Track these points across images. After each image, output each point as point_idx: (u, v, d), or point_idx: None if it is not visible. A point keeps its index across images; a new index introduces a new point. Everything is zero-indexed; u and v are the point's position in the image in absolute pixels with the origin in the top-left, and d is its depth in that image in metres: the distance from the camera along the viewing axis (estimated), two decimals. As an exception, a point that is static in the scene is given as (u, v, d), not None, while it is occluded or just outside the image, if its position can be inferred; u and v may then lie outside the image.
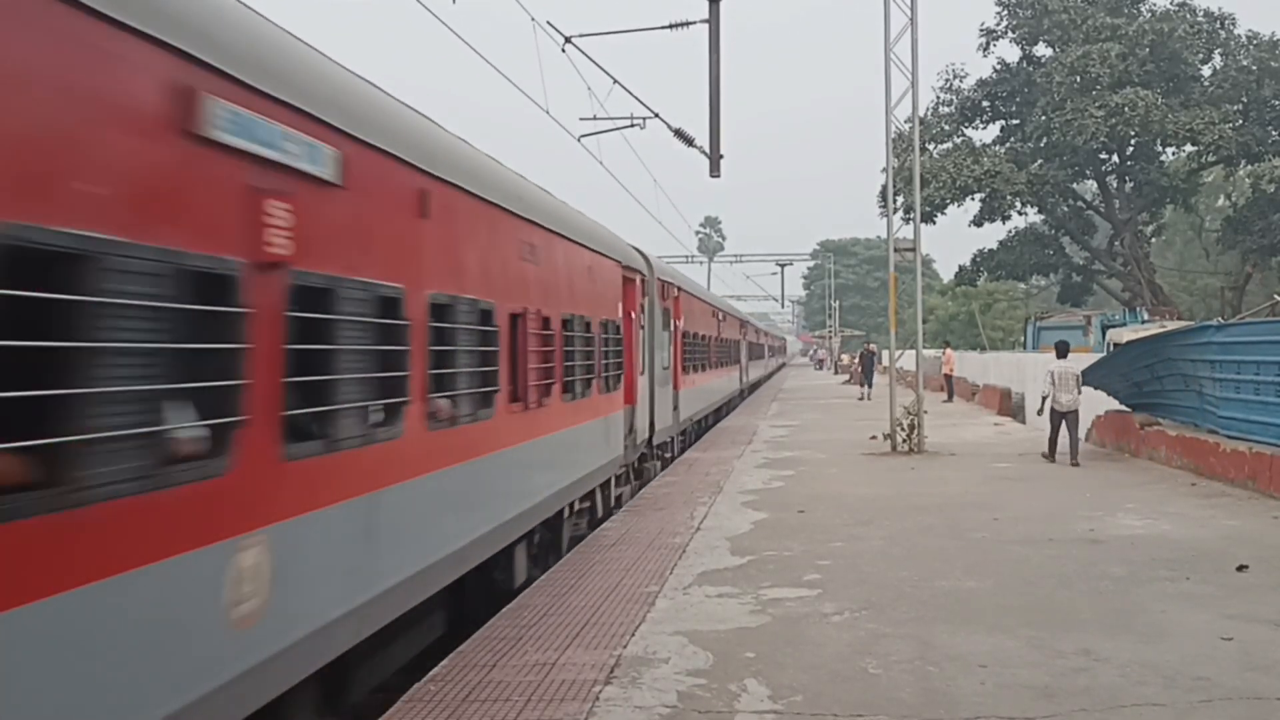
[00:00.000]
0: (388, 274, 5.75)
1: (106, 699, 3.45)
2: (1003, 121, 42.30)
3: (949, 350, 36.53)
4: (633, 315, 14.13)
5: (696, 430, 22.97)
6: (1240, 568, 8.68)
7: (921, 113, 23.65)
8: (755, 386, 44.27)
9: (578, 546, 10.39)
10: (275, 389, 4.54)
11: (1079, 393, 16.46)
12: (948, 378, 34.40)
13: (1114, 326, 30.04)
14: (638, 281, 14.66)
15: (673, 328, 18.43)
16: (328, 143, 5.06)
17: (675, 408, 18.48)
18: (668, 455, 18.27)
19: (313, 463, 4.88)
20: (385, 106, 6.23)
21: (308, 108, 4.87)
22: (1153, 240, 47.06)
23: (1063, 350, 17.46)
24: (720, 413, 28.67)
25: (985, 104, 41.53)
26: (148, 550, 3.66)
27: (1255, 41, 37.65)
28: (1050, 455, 16.59)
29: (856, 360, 43.61)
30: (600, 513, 12.23)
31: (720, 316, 27.99)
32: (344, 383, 5.15)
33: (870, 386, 35.49)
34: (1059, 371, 16.48)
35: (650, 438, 15.68)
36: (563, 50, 16.26)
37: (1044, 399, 16.63)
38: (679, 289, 19.66)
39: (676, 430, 18.92)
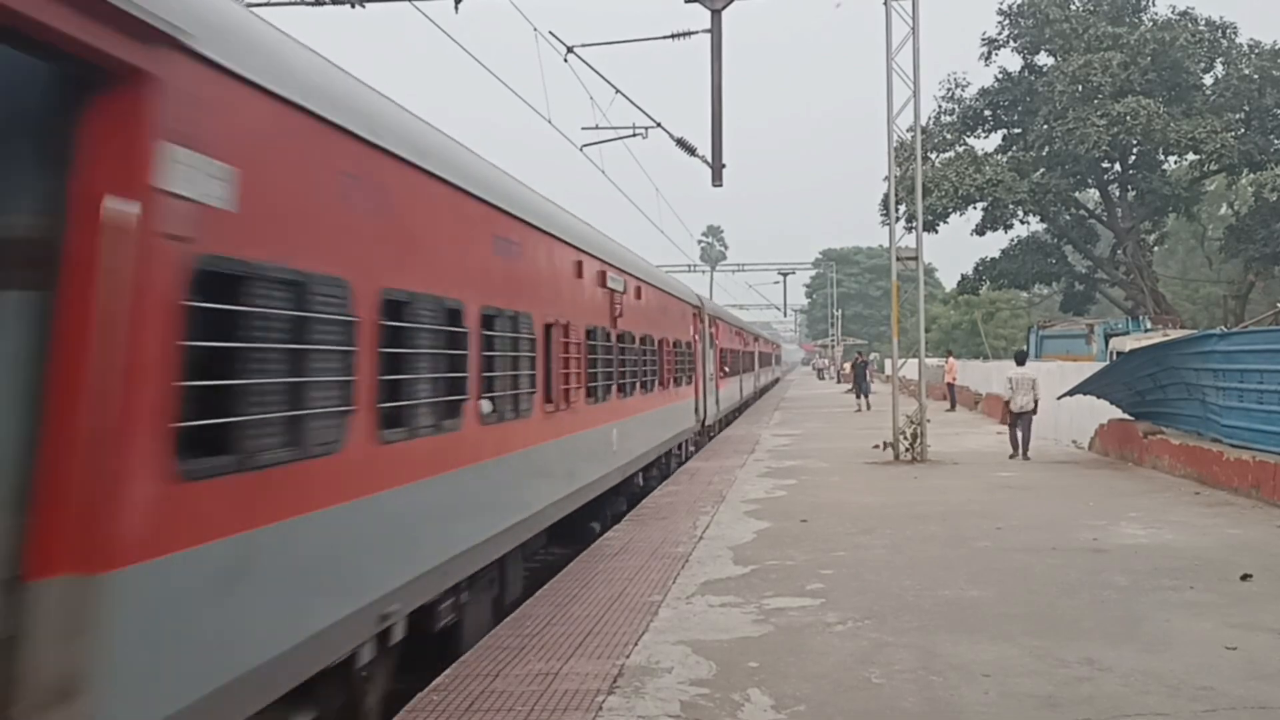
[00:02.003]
0: (590, 319, 11.31)
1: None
2: (1005, 130, 42.29)
3: (951, 359, 36.49)
4: (696, 338, 21.55)
5: (724, 419, 29.60)
6: (1244, 577, 8.67)
7: (923, 122, 23.71)
8: (764, 391, 51.35)
9: (580, 556, 10.38)
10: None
11: (1034, 396, 18.94)
12: (950, 386, 34.36)
13: (1117, 335, 30.00)
14: (696, 314, 21.99)
15: (715, 346, 25.54)
16: (584, 259, 10.99)
17: (716, 400, 25.80)
18: (713, 432, 25.86)
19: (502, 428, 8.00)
20: (590, 238, 11.65)
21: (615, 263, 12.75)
22: (1155, 249, 46.94)
23: (1020, 359, 20.43)
24: (744, 404, 37.63)
25: (987, 113, 41.53)
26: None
27: (1257, 50, 37.66)
28: (1015, 453, 18.81)
29: (850, 370, 43.49)
30: (684, 457, 20.38)
31: (741, 335, 37.32)
32: (592, 375, 11.14)
33: (866, 397, 35.07)
34: (1017, 378, 19.18)
35: (704, 417, 22.94)
36: (565, 60, 16.30)
37: (1004, 401, 19.71)
38: (715, 318, 26.85)
39: (717, 414, 26.23)
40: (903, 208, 30.49)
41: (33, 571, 3.29)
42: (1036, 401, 19.05)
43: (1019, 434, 18.85)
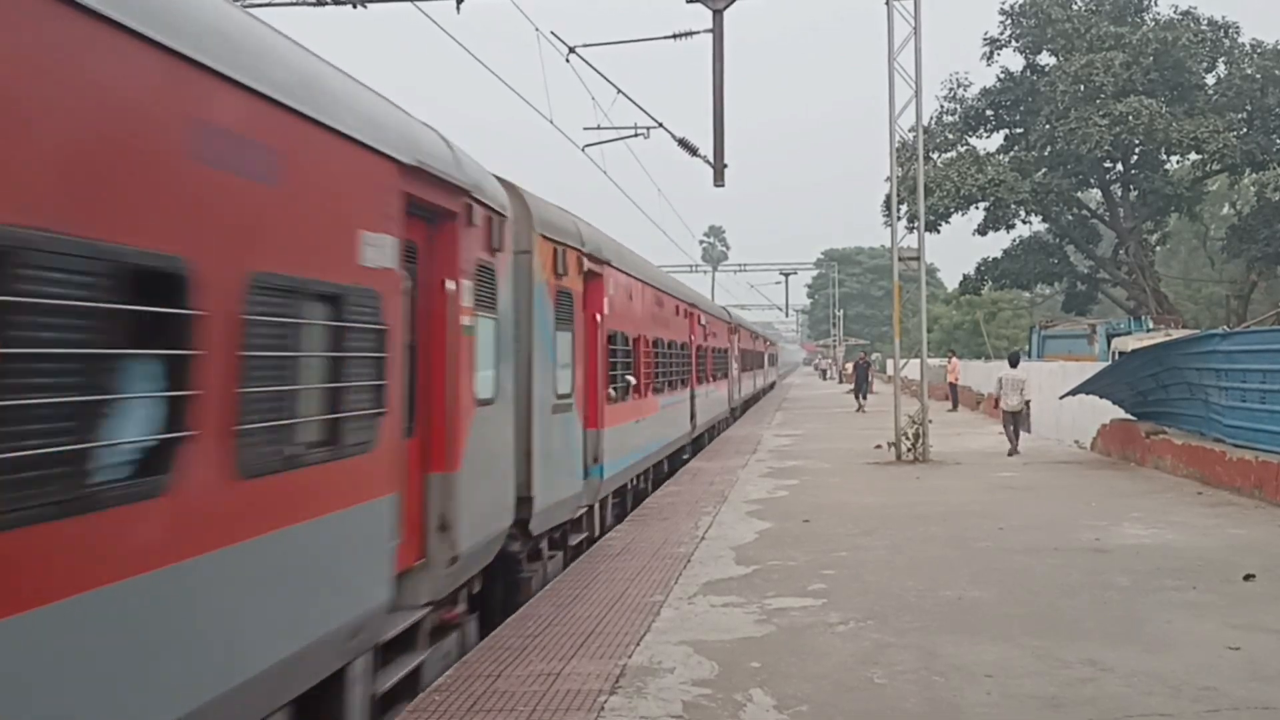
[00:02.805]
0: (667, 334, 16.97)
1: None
2: (1007, 130, 42.22)
3: (954, 359, 36.46)
4: (729, 343, 29.08)
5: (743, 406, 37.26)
6: (1247, 577, 8.66)
7: (925, 122, 23.56)
8: (768, 390, 53.47)
9: (582, 556, 10.39)
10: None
11: (1023, 396, 19.89)
12: (952, 386, 34.32)
13: (1119, 335, 29.95)
14: (731, 326, 29.95)
15: (736, 348, 31.54)
16: (676, 302, 17.89)
17: (739, 392, 32.78)
18: (738, 412, 33.44)
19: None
20: (672, 284, 19.71)
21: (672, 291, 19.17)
22: (1157, 249, 46.86)
23: (1013, 360, 21.46)
24: (758, 394, 45.37)
25: (989, 113, 41.46)
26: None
27: (1259, 50, 37.59)
28: (1013, 451, 19.47)
29: (851, 370, 43.35)
30: (720, 430, 27.15)
31: (753, 337, 43.50)
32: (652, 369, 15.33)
33: (865, 399, 34.92)
34: (1007, 378, 20.09)
35: (733, 405, 30.66)
36: (567, 60, 16.29)
37: (995, 399, 21.08)
38: (739, 325, 34.02)
39: (740, 401, 33.34)
40: (904, 208, 30.42)
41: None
42: (1026, 401, 20.05)
43: (1012, 430, 19.80)
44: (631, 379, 13.24)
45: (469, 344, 6.81)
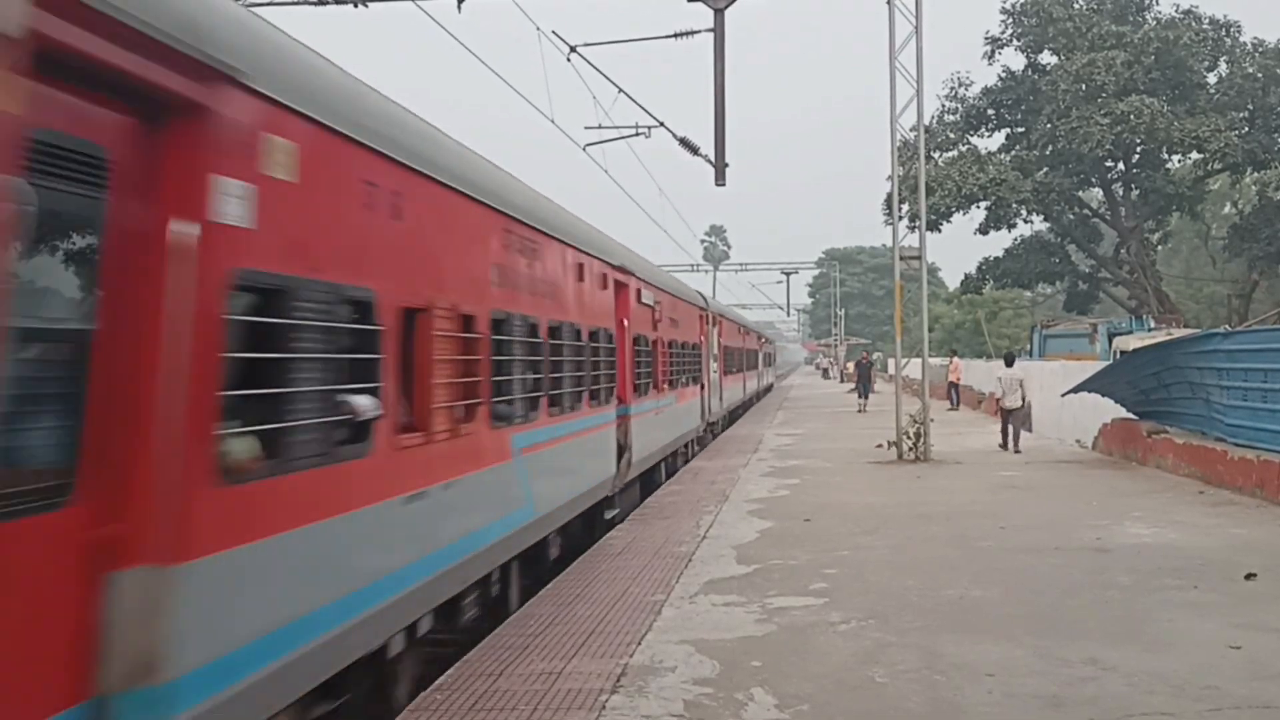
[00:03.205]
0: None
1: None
2: (1008, 129, 42.23)
3: (955, 359, 36.48)
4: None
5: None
6: (1248, 576, 8.66)
7: (926, 121, 23.55)
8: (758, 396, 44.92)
9: (583, 555, 10.39)
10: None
11: (1021, 395, 20.22)
12: (953, 386, 34.32)
13: (1120, 334, 29.93)
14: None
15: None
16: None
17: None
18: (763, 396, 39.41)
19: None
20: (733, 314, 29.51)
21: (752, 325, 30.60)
22: (1159, 248, 46.86)
23: (1009, 360, 21.77)
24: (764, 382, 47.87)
25: (990, 112, 41.48)
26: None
27: (1261, 49, 37.59)
28: (1003, 444, 20.07)
29: (853, 369, 43.23)
30: (750, 404, 36.76)
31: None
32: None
33: (867, 398, 34.79)
34: (1005, 378, 20.46)
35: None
36: (568, 59, 16.30)
37: (996, 399, 21.32)
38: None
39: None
40: (906, 207, 30.40)
41: None
42: (1024, 400, 20.50)
43: (1009, 428, 20.13)
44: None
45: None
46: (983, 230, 40.40)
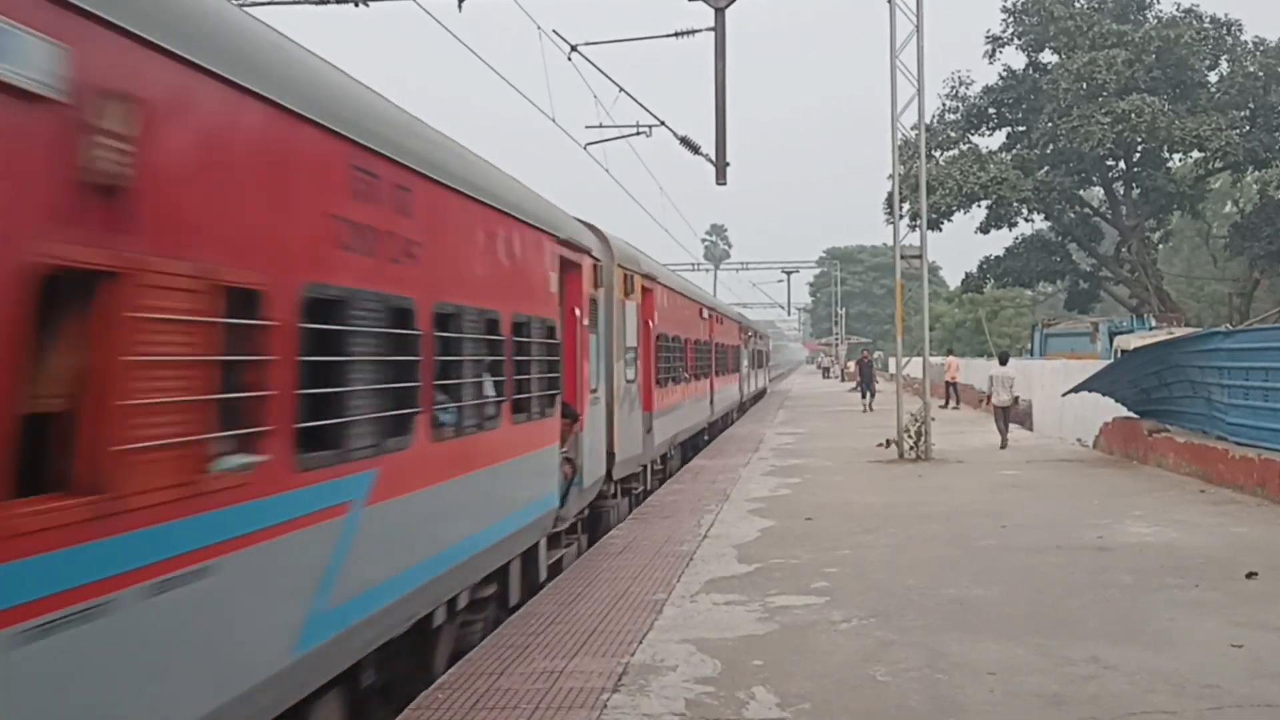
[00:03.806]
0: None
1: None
2: (1009, 128, 42.19)
3: (951, 357, 36.46)
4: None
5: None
6: (1249, 575, 8.65)
7: (927, 120, 23.53)
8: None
9: (584, 554, 10.39)
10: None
11: (1013, 392, 20.99)
12: (950, 384, 34.34)
13: (1121, 333, 29.93)
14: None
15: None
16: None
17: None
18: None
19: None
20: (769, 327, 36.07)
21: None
22: (1160, 247, 46.81)
23: (1003, 359, 22.65)
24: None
25: (991, 111, 41.44)
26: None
27: (1262, 47, 37.55)
28: (1003, 444, 20.40)
29: (855, 368, 43.11)
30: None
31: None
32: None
33: (872, 396, 34.52)
34: (999, 376, 21.08)
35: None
36: (569, 59, 16.30)
37: (989, 395, 21.97)
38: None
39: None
40: (907, 206, 30.39)
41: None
42: (1016, 397, 21.29)
43: (1002, 425, 20.75)
44: None
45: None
46: (984, 229, 40.38)
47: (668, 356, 16.81)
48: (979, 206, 38.87)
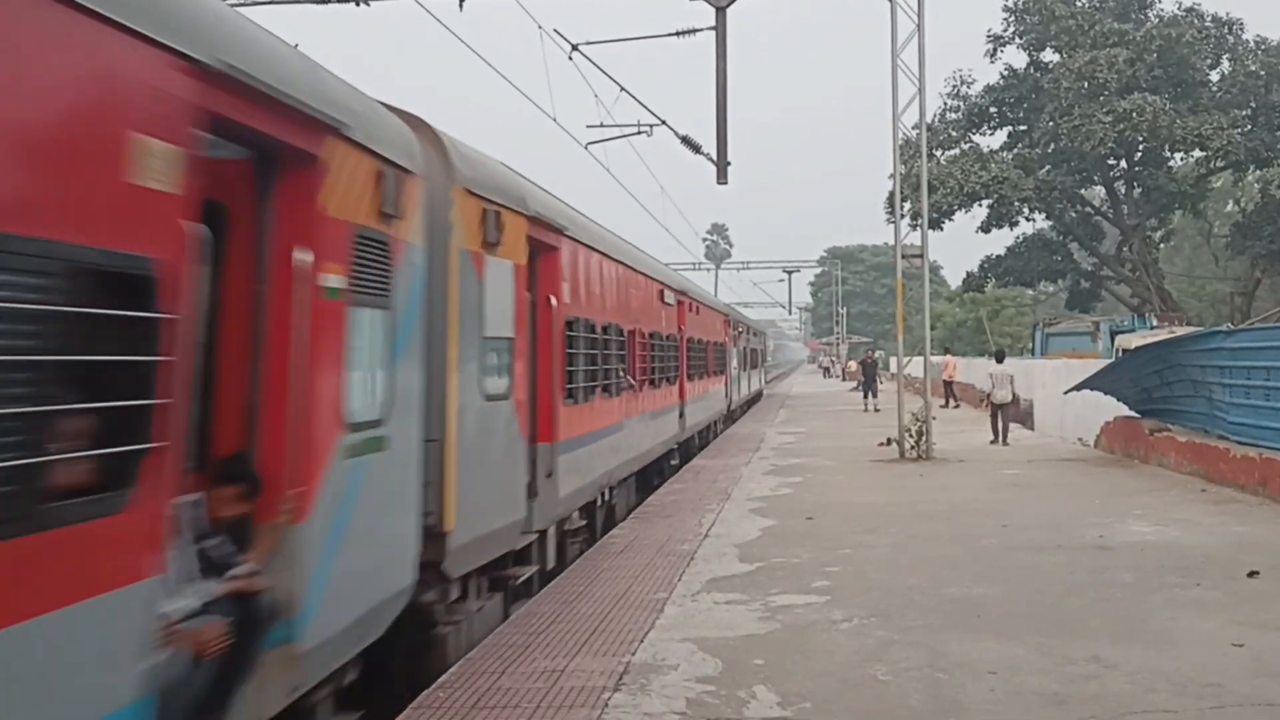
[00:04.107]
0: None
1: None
2: (1010, 127, 42.19)
3: (949, 356, 36.49)
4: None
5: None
6: (1251, 574, 8.65)
7: (929, 119, 23.57)
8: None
9: (586, 553, 10.39)
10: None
11: (1011, 389, 21.13)
12: (947, 384, 34.33)
13: (1122, 332, 29.93)
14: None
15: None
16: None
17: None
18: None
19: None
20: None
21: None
22: (1161, 246, 46.79)
23: (999, 356, 22.88)
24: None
25: (993, 110, 41.43)
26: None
27: (1263, 47, 37.53)
28: (994, 439, 20.78)
29: (858, 368, 42.98)
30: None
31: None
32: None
33: (875, 397, 34.30)
34: (996, 373, 21.22)
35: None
36: (569, 58, 16.32)
37: (986, 394, 22.14)
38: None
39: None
40: (908, 205, 30.40)
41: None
42: (1015, 395, 21.56)
43: (999, 423, 20.98)
44: None
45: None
46: (985, 228, 40.36)
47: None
48: (980, 206, 38.85)
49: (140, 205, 3.52)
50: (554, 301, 9.45)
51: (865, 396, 34.24)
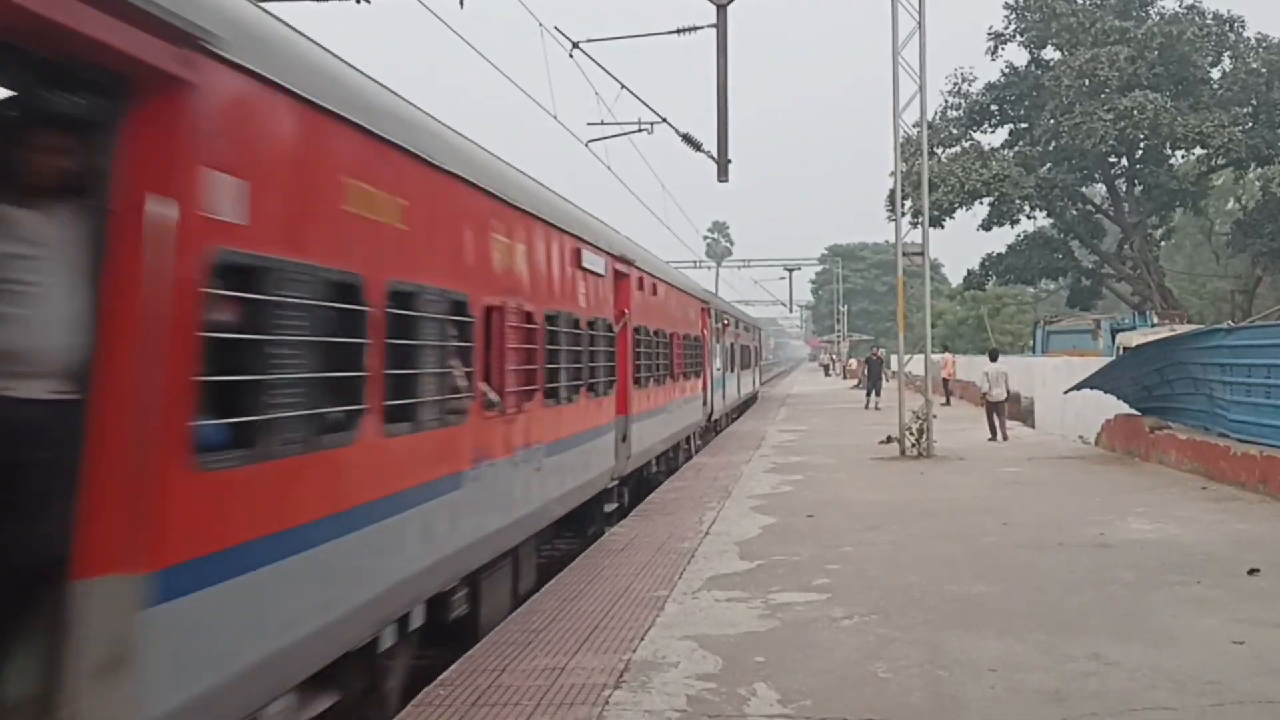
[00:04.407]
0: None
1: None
2: (1011, 125, 42.22)
3: (947, 354, 36.52)
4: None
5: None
6: (1251, 571, 8.65)
7: (930, 116, 23.56)
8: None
9: (586, 551, 10.39)
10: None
11: (1006, 388, 21.60)
12: (945, 382, 34.36)
13: (1123, 330, 29.96)
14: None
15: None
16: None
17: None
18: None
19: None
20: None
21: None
22: (1162, 244, 46.81)
23: (993, 355, 23.86)
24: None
25: (994, 108, 41.45)
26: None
27: (1265, 44, 37.57)
28: (992, 437, 21.13)
29: (863, 366, 42.96)
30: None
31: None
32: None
33: (879, 395, 34.18)
34: (991, 372, 21.84)
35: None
36: (570, 55, 16.30)
37: (983, 392, 22.58)
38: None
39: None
40: (909, 203, 30.39)
41: None
42: (1009, 392, 22.12)
43: (996, 420, 21.41)
44: None
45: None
46: (986, 226, 40.39)
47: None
48: (981, 204, 38.87)
49: None
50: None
51: (868, 395, 33.92)
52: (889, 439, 19.43)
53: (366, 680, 5.73)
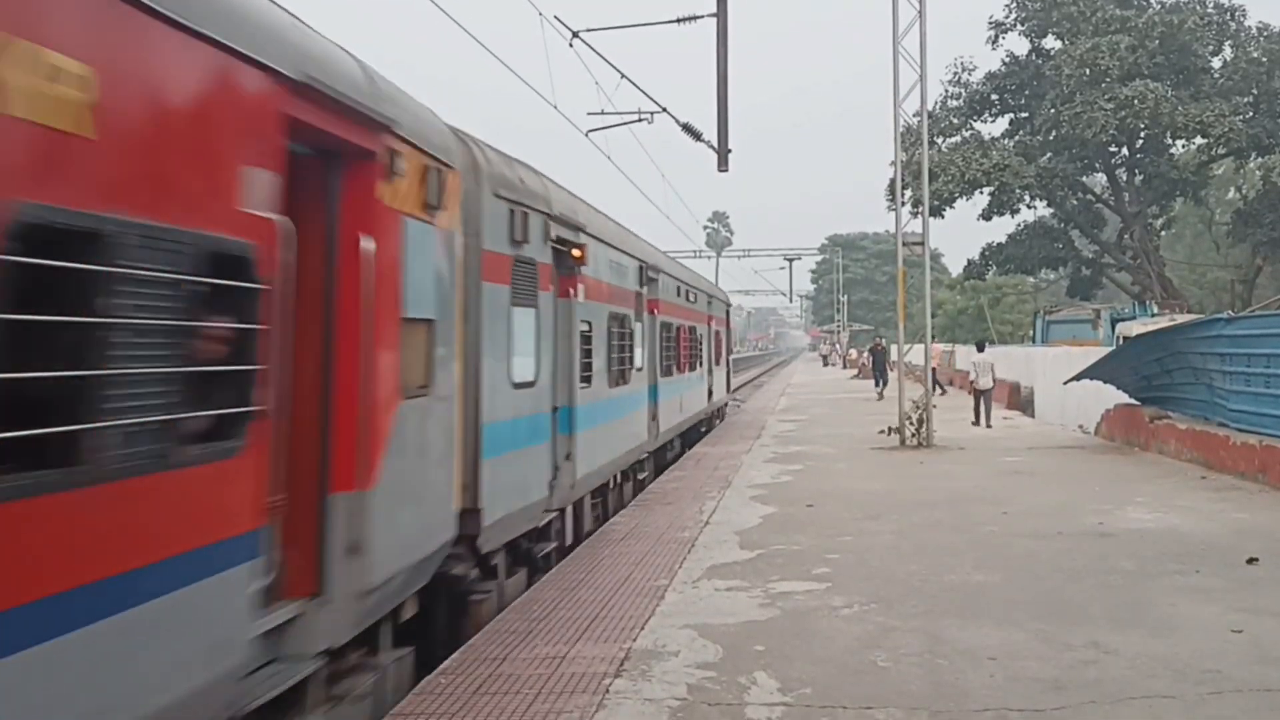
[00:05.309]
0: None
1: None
2: (1011, 115, 42.08)
3: (936, 345, 36.52)
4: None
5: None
6: (1250, 560, 8.68)
7: (930, 106, 23.56)
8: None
9: (586, 540, 10.41)
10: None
11: (992, 377, 22.64)
12: (933, 371, 34.34)
13: (1123, 320, 29.94)
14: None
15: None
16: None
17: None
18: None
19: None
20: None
21: None
22: (1162, 233, 46.72)
23: (980, 346, 24.80)
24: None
25: (994, 97, 41.31)
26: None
27: (1266, 33, 37.40)
28: (977, 423, 22.09)
29: (866, 356, 42.94)
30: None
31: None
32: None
33: (885, 384, 34.00)
34: (978, 362, 22.77)
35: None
36: (570, 45, 16.27)
37: (970, 380, 23.64)
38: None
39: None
40: (909, 192, 30.32)
41: None
42: (995, 380, 23.22)
43: (981, 406, 22.36)
44: None
45: None
46: (986, 216, 40.30)
47: None
48: (981, 193, 38.76)
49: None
50: None
51: (877, 384, 33.68)
52: (889, 429, 19.45)
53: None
